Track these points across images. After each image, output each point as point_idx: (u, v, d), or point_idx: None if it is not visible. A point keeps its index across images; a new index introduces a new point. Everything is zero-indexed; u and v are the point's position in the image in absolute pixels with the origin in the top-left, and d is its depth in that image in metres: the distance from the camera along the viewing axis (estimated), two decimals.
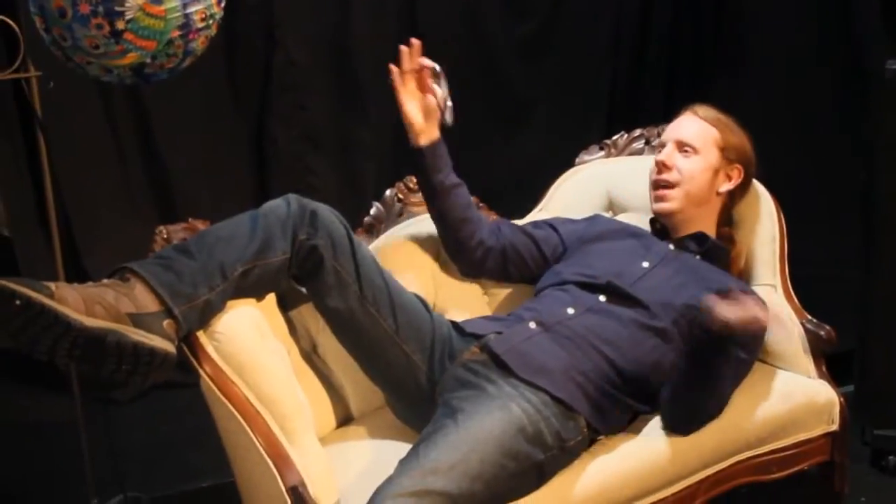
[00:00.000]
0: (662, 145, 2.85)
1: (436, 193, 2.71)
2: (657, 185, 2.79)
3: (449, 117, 2.66)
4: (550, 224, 2.89)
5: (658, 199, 2.79)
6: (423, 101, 2.66)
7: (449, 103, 2.67)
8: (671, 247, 2.76)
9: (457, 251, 2.78)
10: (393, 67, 2.66)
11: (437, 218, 2.76)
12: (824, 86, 4.98)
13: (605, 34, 4.93)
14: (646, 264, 2.66)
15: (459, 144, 2.69)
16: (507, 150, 4.69)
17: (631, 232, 2.83)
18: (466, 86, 4.53)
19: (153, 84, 2.68)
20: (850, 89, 4.76)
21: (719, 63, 5.09)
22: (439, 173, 2.69)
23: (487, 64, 4.66)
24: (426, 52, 4.42)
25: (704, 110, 2.84)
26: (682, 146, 2.79)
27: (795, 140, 4.88)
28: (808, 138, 4.92)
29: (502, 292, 2.94)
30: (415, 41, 2.66)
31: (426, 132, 2.67)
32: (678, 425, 2.49)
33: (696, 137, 2.79)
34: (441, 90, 2.67)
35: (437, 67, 2.68)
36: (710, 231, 2.81)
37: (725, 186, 2.82)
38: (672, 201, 2.77)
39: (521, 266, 2.81)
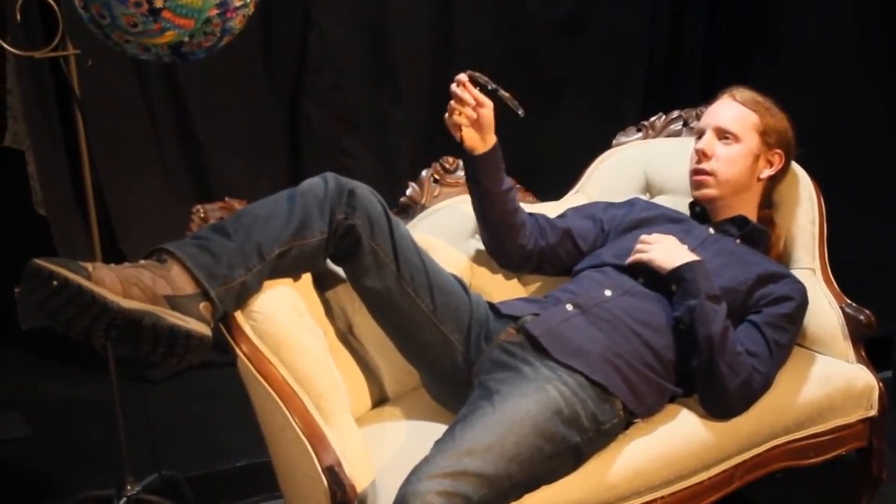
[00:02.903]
0: (701, 131, 2.81)
1: (483, 198, 2.68)
2: (697, 172, 2.76)
3: (521, 110, 2.55)
4: (593, 215, 2.87)
5: (698, 185, 2.76)
6: (476, 118, 2.56)
7: (504, 93, 2.56)
8: (711, 230, 2.75)
9: (494, 251, 2.78)
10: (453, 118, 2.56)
11: (480, 219, 2.74)
12: (866, 65, 4.93)
13: (642, 13, 4.90)
14: (685, 247, 2.63)
15: (497, 126, 2.66)
16: (543, 131, 4.66)
17: (670, 217, 2.81)
18: (502, 66, 4.54)
19: (191, 63, 2.68)
20: (893, 69, 4.72)
21: (757, 42, 5.06)
22: (489, 179, 2.64)
23: (523, 44, 4.65)
24: (459, 34, 4.44)
25: (742, 94, 2.80)
26: (721, 133, 2.75)
27: (836, 121, 4.84)
28: (849, 119, 4.88)
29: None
30: (461, 78, 2.55)
31: (483, 142, 2.61)
32: (711, 402, 2.48)
33: (736, 124, 2.75)
34: (498, 89, 2.56)
35: (476, 75, 2.56)
36: (751, 215, 2.79)
37: (766, 172, 2.79)
38: (712, 188, 2.74)
39: (556, 265, 2.81)
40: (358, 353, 2.61)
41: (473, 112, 2.54)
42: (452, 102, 2.55)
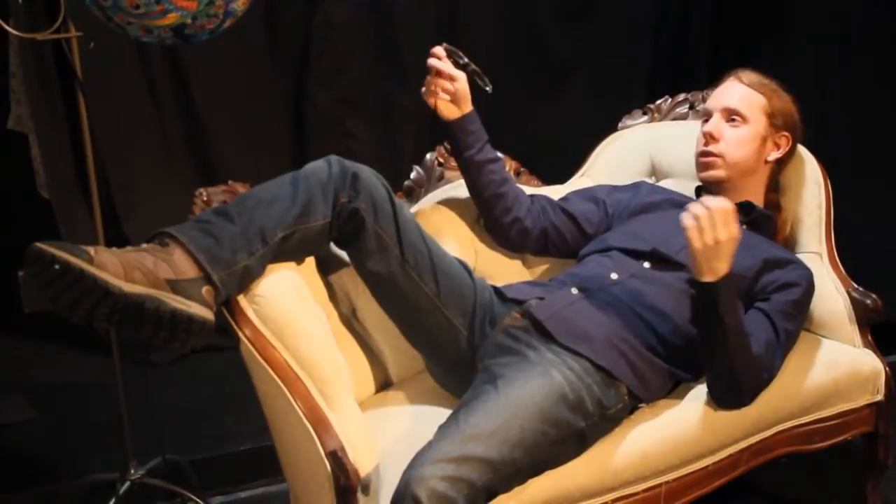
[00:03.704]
0: (707, 114, 2.78)
1: (468, 169, 2.68)
2: (704, 155, 2.73)
3: (489, 87, 2.58)
4: (596, 197, 2.85)
5: (704, 168, 2.74)
6: (452, 91, 2.60)
7: (474, 68, 2.61)
8: None
9: (492, 227, 2.77)
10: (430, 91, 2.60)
11: (471, 191, 2.74)
12: (873, 45, 4.91)
13: None
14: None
15: (502, 109, 2.65)
16: (549, 115, 4.65)
17: (676, 202, 2.79)
18: (508, 49, 4.52)
19: (193, 45, 2.66)
20: None
21: (764, 25, 5.03)
22: (469, 148, 2.65)
23: (529, 27, 4.62)
24: (464, 16, 4.42)
25: (749, 76, 2.78)
26: (729, 115, 2.73)
27: (844, 103, 4.82)
28: (856, 102, 4.86)
29: (544, 257, 2.91)
30: (438, 52, 2.61)
31: (459, 111, 2.63)
32: (721, 397, 2.45)
33: (743, 105, 2.73)
34: (469, 64, 2.61)
35: (450, 48, 2.62)
36: (758, 199, 2.77)
37: (774, 155, 2.77)
38: (719, 170, 2.71)
39: (561, 246, 2.79)
40: (361, 338, 2.60)
41: (450, 86, 2.57)
42: (429, 77, 2.59)
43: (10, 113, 3.65)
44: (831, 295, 2.78)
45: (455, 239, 2.75)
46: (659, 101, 3.23)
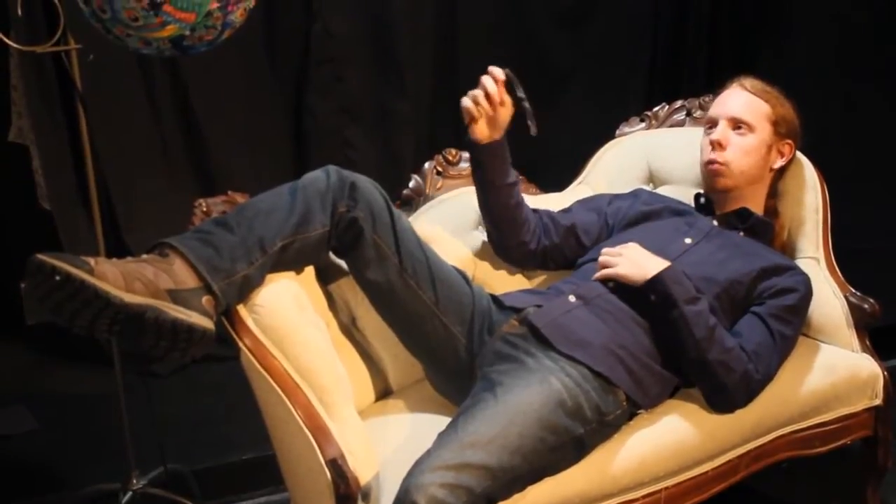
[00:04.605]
0: (711, 121, 2.78)
1: (485, 189, 2.66)
2: (712, 163, 2.73)
3: (534, 129, 2.49)
4: (598, 209, 2.85)
5: (713, 176, 2.73)
6: (493, 115, 2.53)
7: (527, 105, 2.52)
8: (715, 223, 2.73)
9: (496, 245, 2.77)
10: (476, 106, 2.51)
11: (482, 210, 2.72)
12: (871, 48, 4.91)
13: (646, 2, 4.88)
14: (688, 240, 2.63)
15: None
16: (546, 121, 4.63)
17: (674, 209, 2.80)
18: (505, 56, 4.52)
19: (192, 56, 2.67)
20: None
21: (761, 31, 5.04)
22: (492, 171, 2.61)
23: (526, 34, 4.63)
24: (462, 24, 4.42)
25: (752, 83, 2.78)
26: (735, 123, 2.72)
27: (841, 108, 4.82)
28: (854, 106, 4.86)
29: None
30: (498, 76, 2.51)
31: (489, 136, 2.58)
32: (711, 398, 2.47)
33: (749, 113, 2.73)
34: (524, 99, 2.51)
35: (511, 76, 2.52)
36: (758, 206, 2.77)
37: (779, 163, 2.78)
38: (728, 179, 2.71)
39: (560, 262, 2.80)
40: (361, 346, 2.61)
41: (491, 109, 2.51)
42: (477, 91, 2.51)
43: (11, 125, 3.66)
44: (829, 300, 2.78)
45: (453, 247, 2.75)
46: (656, 108, 3.23)
